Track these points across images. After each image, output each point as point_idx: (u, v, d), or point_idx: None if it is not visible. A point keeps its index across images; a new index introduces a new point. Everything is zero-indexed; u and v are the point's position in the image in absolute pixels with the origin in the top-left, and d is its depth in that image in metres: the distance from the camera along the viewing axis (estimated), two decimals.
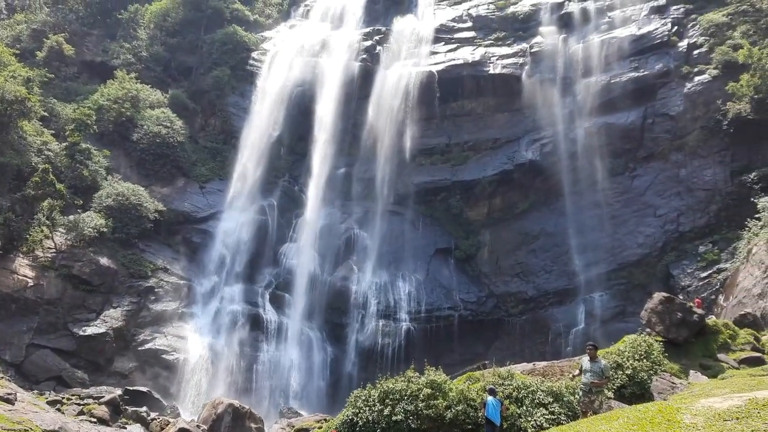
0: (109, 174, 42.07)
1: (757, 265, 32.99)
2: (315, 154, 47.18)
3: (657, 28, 45.05)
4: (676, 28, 44.67)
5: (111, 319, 36.47)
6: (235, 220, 43.80)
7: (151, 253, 41.25)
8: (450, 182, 46.23)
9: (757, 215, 34.69)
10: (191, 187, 45.23)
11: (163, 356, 36.58)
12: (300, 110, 48.61)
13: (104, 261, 37.96)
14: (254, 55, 51.94)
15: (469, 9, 53.61)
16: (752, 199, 35.60)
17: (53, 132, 42.04)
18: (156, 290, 39.25)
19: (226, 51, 51.22)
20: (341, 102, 48.26)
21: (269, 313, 40.79)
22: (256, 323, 40.20)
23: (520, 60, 48.05)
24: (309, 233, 44.14)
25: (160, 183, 44.08)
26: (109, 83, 46.35)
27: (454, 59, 49.37)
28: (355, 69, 49.35)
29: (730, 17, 42.41)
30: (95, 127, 43.10)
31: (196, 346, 38.14)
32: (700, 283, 36.13)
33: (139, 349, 36.51)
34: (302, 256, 43.23)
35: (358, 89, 48.95)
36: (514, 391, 16.99)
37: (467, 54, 49.42)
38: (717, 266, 36.09)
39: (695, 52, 42.97)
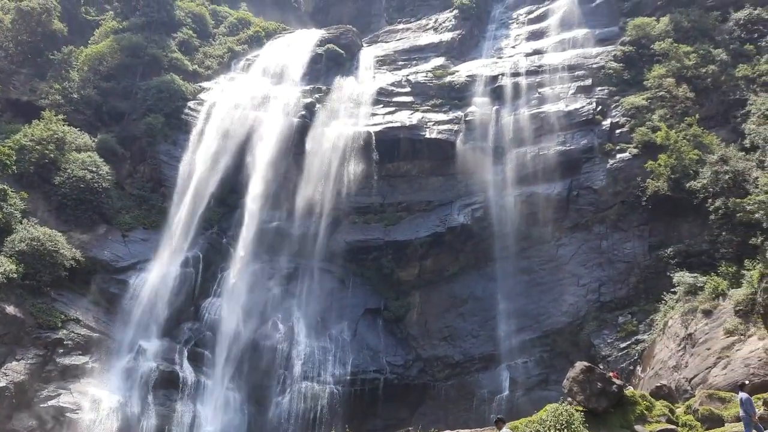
0: (24, 217, 39.79)
1: (672, 337, 34.21)
2: (246, 207, 46.37)
3: (583, 107, 47.59)
4: (600, 107, 47.32)
5: (13, 372, 33.73)
6: (156, 272, 41.97)
7: (64, 303, 38.88)
8: (382, 242, 46.26)
9: (673, 289, 36.22)
10: (113, 235, 43.30)
11: (68, 414, 33.97)
12: (234, 162, 47.97)
13: (10, 309, 35.34)
14: (191, 104, 51.31)
15: (408, 75, 55.25)
16: (668, 274, 37.21)
17: None
18: (65, 342, 36.79)
19: (162, 98, 50.39)
20: (277, 157, 48.06)
21: (186, 371, 38.82)
22: (171, 381, 38.11)
23: (455, 127, 49.52)
24: (234, 288, 42.83)
25: (79, 229, 42.00)
26: (35, 123, 44.50)
27: (392, 122, 50.42)
28: (293, 125, 49.51)
29: (649, 101, 45.28)
30: (14, 167, 41.05)
31: (104, 404, 35.61)
32: (620, 354, 36.99)
33: (42, 406, 33.77)
34: (225, 311, 41.76)
35: (295, 145, 49.00)
36: None
37: (405, 117, 50.59)
38: (635, 337, 37.12)
39: (617, 131, 45.47)
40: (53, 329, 36.81)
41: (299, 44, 58.23)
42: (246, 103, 51.01)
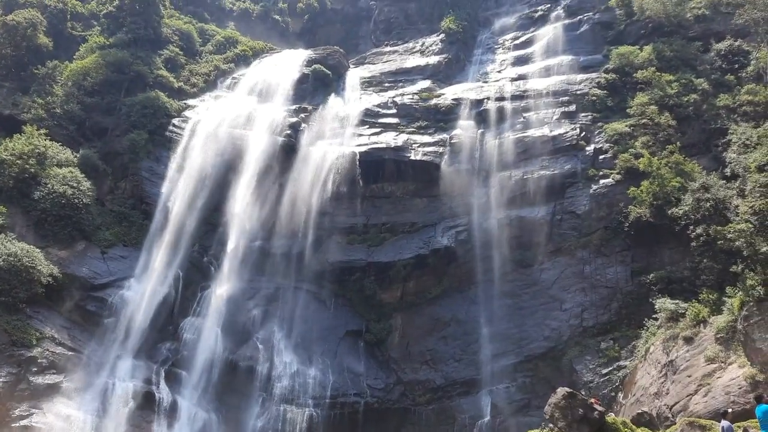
0: (2, 232, 39.13)
1: (654, 364, 34.17)
2: (229, 225, 46.03)
3: (567, 132, 48.02)
4: (584, 133, 47.76)
5: None
6: (135, 290, 41.39)
7: (39, 321, 38.16)
8: (365, 263, 46.02)
9: (654, 315, 36.28)
10: (92, 252, 42.63)
11: None
12: (218, 180, 47.62)
13: None
14: (175, 121, 51.03)
15: (394, 97, 55.50)
16: (650, 299, 37.26)
17: None
18: (40, 361, 36.02)
19: (146, 114, 50.04)
20: (262, 175, 47.88)
21: (163, 392, 38.10)
22: (147, 402, 37.40)
23: (440, 149, 49.66)
24: (214, 308, 42.25)
25: (58, 245, 41.29)
26: (16, 137, 43.97)
27: (377, 142, 50.47)
28: (279, 144, 49.37)
29: (632, 128, 45.77)
30: None
31: (78, 425, 34.96)
32: (602, 380, 36.87)
33: (13, 425, 32.98)
34: (205, 331, 41.15)
35: (280, 164, 48.81)
36: None
37: (390, 139, 50.69)
38: (617, 363, 37.04)
39: (601, 156, 45.88)
40: (27, 347, 36.07)
41: (286, 64, 58.38)
42: (231, 122, 50.78)
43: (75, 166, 44.90)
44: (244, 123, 50.95)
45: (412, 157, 49.13)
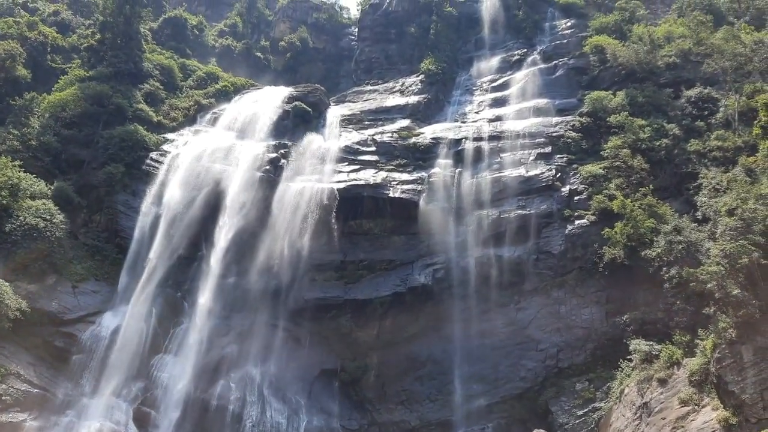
0: None
1: (628, 406, 34.16)
2: (205, 261, 45.54)
3: (543, 173, 48.74)
4: (559, 174, 48.53)
5: None
6: (106, 326, 40.50)
7: (5, 356, 37.00)
8: (342, 300, 45.66)
9: (629, 356, 36.45)
10: (63, 286, 41.72)
11: None
12: (195, 215, 47.07)
13: None
14: (153, 155, 50.79)
15: (374, 135, 55.98)
16: (625, 341, 37.46)
17: None
18: (4, 398, 34.80)
19: (124, 148, 49.77)
20: (240, 210, 47.54)
21: None
22: None
23: (419, 187, 49.95)
24: (187, 345, 41.43)
25: (27, 279, 40.30)
26: None
27: (356, 179, 50.61)
28: (258, 179, 49.27)
29: (606, 170, 46.63)
30: None
31: None
32: (577, 421, 36.67)
33: None
34: (176, 369, 40.27)
35: (259, 200, 48.51)
36: None
37: (369, 176, 50.90)
38: (592, 404, 36.95)
39: (576, 197, 46.53)
40: None
41: (267, 100, 58.72)
42: (210, 156, 50.64)
43: (49, 198, 44.27)
44: (223, 158, 50.84)
45: (391, 195, 49.32)
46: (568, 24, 67.16)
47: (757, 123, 36.83)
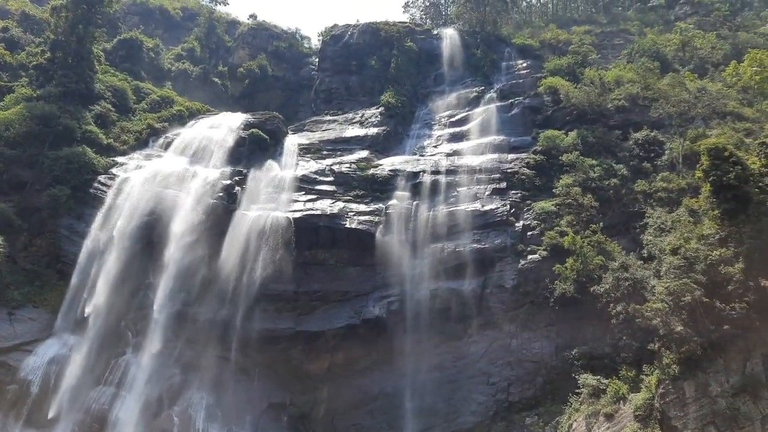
0: None
1: None
2: (152, 289, 44.12)
3: (498, 208, 49.44)
4: (513, 209, 49.28)
5: None
6: (43, 355, 38.72)
7: None
8: (294, 332, 44.78)
9: (577, 390, 36.80)
10: None
11: None
12: (143, 241, 45.88)
13: None
14: (101, 178, 49.41)
15: (332, 165, 55.85)
16: (574, 375, 37.87)
17: None
18: None
19: (71, 170, 48.24)
20: (190, 238, 46.37)
21: None
22: None
23: (376, 218, 49.84)
24: (128, 377, 39.88)
25: None
26: None
27: (312, 209, 50.18)
28: (210, 206, 48.34)
29: (558, 207, 47.62)
30: None
31: None
32: None
33: None
34: (117, 401, 38.58)
35: (211, 227, 47.53)
36: None
37: (326, 206, 50.58)
38: None
39: (529, 233, 47.26)
40: None
41: (223, 126, 57.99)
42: (162, 181, 49.46)
43: None
44: (175, 183, 49.77)
45: (348, 225, 49.03)
46: (524, 65, 69.33)
47: (700, 167, 38.31)
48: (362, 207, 50.84)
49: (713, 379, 30.87)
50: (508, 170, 52.79)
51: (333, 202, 51.00)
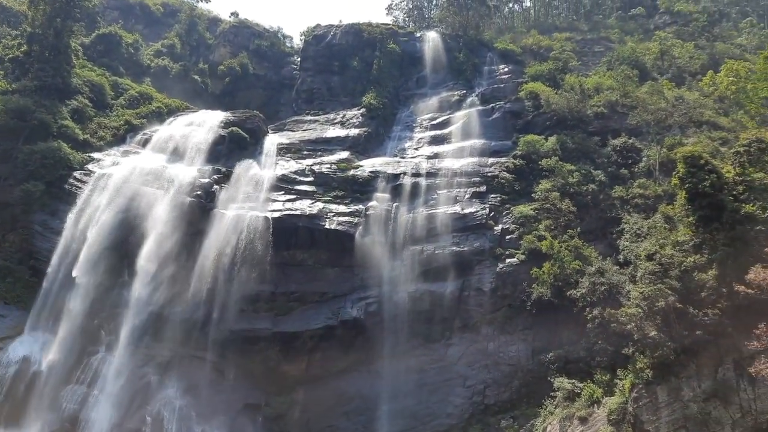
0: None
1: None
2: (127, 287, 43.49)
3: (477, 211, 49.65)
4: (493, 213, 49.54)
5: None
6: (13, 353, 37.96)
7: None
8: (270, 332, 44.43)
9: (552, 393, 37.09)
10: None
11: None
12: (119, 239, 45.22)
13: None
14: (77, 174, 48.62)
15: (312, 165, 55.59)
16: (549, 378, 38.17)
17: None
18: None
19: (46, 165, 47.40)
20: (167, 236, 45.86)
21: None
22: None
23: (356, 219, 49.71)
24: (102, 376, 39.32)
25: None
26: None
27: (291, 209, 49.90)
28: (188, 204, 47.83)
29: (536, 211, 47.97)
30: None
31: None
32: None
33: None
34: (90, 401, 38.02)
35: (188, 225, 47.06)
36: None
37: (306, 206, 50.34)
38: None
39: (507, 237, 47.51)
40: None
41: (203, 124, 57.49)
42: (139, 178, 48.86)
43: None
44: (152, 181, 49.19)
45: (327, 226, 48.84)
46: (506, 69, 69.80)
47: (676, 174, 38.87)
48: (342, 208, 50.70)
49: (685, 383, 31.34)
50: (488, 174, 53.04)
51: (312, 203, 50.79)
